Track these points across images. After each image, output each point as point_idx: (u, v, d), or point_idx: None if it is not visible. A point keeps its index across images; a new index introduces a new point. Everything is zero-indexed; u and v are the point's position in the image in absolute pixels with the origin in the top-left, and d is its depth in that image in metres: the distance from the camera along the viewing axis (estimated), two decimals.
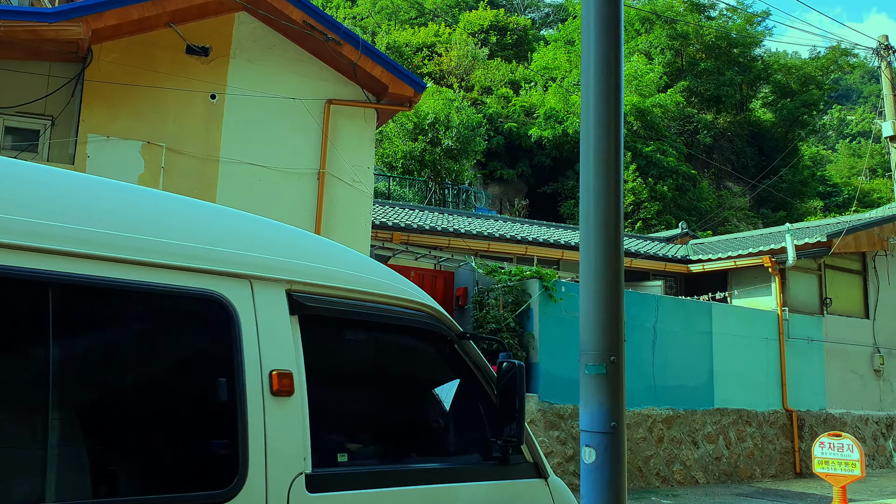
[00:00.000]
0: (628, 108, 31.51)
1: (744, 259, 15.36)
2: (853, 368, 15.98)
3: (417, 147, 24.47)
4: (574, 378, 11.77)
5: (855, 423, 15.65)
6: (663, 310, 12.89)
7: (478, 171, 30.19)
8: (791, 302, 15.16)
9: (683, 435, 12.65)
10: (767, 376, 14.25)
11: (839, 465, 8.40)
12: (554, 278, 11.53)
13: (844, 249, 15.89)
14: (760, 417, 13.92)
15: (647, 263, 16.34)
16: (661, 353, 12.70)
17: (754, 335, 14.21)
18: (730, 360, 13.65)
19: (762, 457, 13.71)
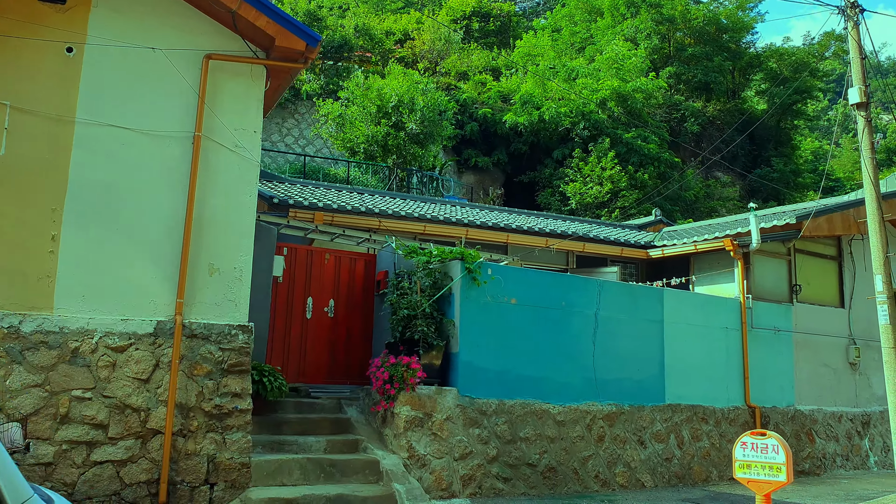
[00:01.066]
0: (608, 92, 30.33)
1: (705, 243, 14.18)
2: (826, 361, 14.79)
3: (380, 131, 23.32)
4: (500, 370, 10.63)
5: (827, 421, 14.46)
6: (607, 296, 11.72)
7: (451, 158, 29.04)
8: (756, 289, 13.97)
9: (628, 433, 11.48)
10: (727, 369, 13.07)
11: (762, 470, 7.23)
12: (478, 259, 10.37)
13: (816, 233, 14.69)
14: (719, 414, 12.74)
15: (603, 248, 15.16)
16: (604, 343, 11.54)
17: (713, 324, 13.03)
18: (684, 351, 12.48)
19: (720, 457, 12.53)
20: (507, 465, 10.14)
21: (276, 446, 8.95)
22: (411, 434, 9.47)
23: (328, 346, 10.83)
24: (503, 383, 10.42)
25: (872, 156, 11.44)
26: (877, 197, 11.34)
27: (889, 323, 10.99)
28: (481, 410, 10.12)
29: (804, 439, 13.90)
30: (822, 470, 14.01)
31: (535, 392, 10.71)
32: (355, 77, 24.32)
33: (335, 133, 23.77)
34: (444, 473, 9.53)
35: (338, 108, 23.55)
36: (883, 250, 11.15)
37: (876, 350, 15.07)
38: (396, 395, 9.53)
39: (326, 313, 10.90)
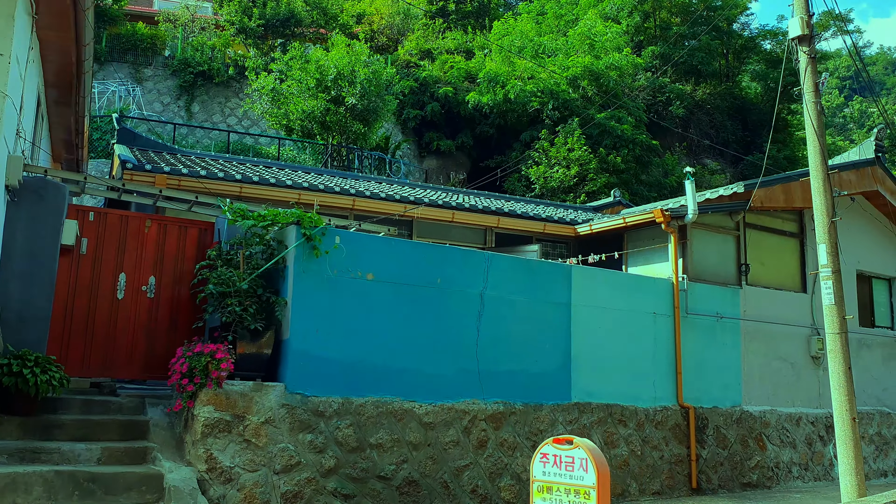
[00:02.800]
0: (579, 70, 28.25)
1: (635, 217, 12.13)
2: (783, 354, 12.69)
3: (317, 106, 21.40)
4: (348, 362, 8.63)
5: (782, 424, 12.37)
6: (497, 272, 9.72)
7: (404, 139, 27.08)
8: (695, 269, 11.92)
9: (520, 438, 9.48)
10: (655, 362, 11.03)
11: (566, 496, 5.20)
12: (320, 224, 8.41)
13: (772, 204, 12.63)
14: (642, 416, 10.71)
15: (523, 224, 13.15)
16: (492, 329, 9.55)
17: (637, 309, 10.99)
18: (597, 339, 10.47)
19: (642, 467, 10.50)
20: (351, 478, 8.18)
21: (27, 455, 7.03)
22: (213, 441, 7.52)
23: (146, 333, 8.90)
24: (352, 378, 8.45)
25: (817, 100, 9.38)
26: (821, 150, 9.28)
27: (834, 303, 8.95)
28: (317, 411, 8.16)
29: (752, 446, 11.83)
30: (774, 482, 11.93)
31: (397, 388, 8.73)
32: (292, 49, 22.43)
33: (269, 109, 21.87)
34: (258, 490, 7.58)
35: (270, 82, 21.66)
36: (828, 214, 9.09)
37: None
38: (196, 393, 7.59)
39: (145, 293, 8.97)
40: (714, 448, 11.34)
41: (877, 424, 13.74)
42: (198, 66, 25.85)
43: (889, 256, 14.85)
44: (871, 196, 14.46)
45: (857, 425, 8.63)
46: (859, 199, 14.41)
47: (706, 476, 11.12)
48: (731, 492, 11.32)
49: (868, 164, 14.16)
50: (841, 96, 74.56)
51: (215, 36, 27.37)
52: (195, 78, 25.89)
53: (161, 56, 26.32)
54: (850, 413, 8.63)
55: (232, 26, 26.45)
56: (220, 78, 25.91)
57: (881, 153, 14.41)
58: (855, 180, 13.90)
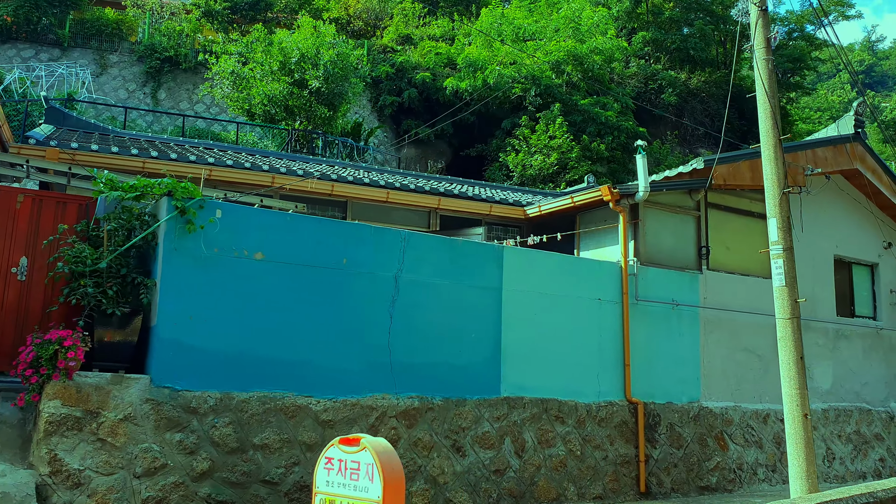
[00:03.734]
0: (563, 54, 27.17)
1: (583, 195, 11.12)
2: (748, 346, 11.65)
3: (279, 89, 20.47)
4: (231, 352, 7.61)
5: (747, 422, 11.33)
6: (416, 253, 8.74)
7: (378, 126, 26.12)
8: (650, 252, 10.90)
9: (438, 437, 8.51)
10: (600, 353, 10.03)
11: None
12: (196, 196, 7.46)
13: (737, 182, 11.60)
14: (583, 412, 9.70)
15: (467, 205, 12.15)
16: (408, 316, 8.57)
17: (579, 295, 9.99)
18: (533, 328, 9.48)
19: (582, 469, 9.50)
20: (229, 483, 7.23)
21: None
22: (60, 440, 6.59)
23: (15, 320, 7.96)
24: (235, 370, 7.50)
25: (768, 56, 8.34)
26: (773, 113, 8.24)
27: (784, 285, 7.92)
28: (189, 408, 7.21)
29: (712, 445, 10.80)
30: (736, 484, 10.89)
31: (290, 382, 7.78)
32: (255, 31, 21.51)
33: (231, 94, 20.96)
34: (113, 496, 6.65)
35: (231, 65, 20.74)
36: (779, 184, 8.06)
37: (819, 333, 11.98)
38: (43, 385, 6.67)
39: (15, 275, 8.04)
40: (667, 448, 10.32)
41: (855, 422, 12.67)
42: (164, 51, 24.99)
43: (871, 241, 13.76)
44: (851, 175, 13.38)
45: (809, 423, 7.60)
46: (838, 178, 13.34)
47: (657, 479, 10.11)
48: (686, 496, 10.30)
49: (846, 140, 13.08)
50: (853, 91, 73.08)
51: (185, 21, 26.50)
52: (162, 64, 25.03)
53: (128, 42, 25.48)
54: (802, 408, 7.60)
55: (197, 9, 25.56)
56: (188, 64, 25.05)
57: (861, 129, 13.32)
58: (832, 157, 12.82)
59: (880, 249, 13.83)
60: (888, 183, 13.60)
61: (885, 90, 75.82)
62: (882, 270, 13.81)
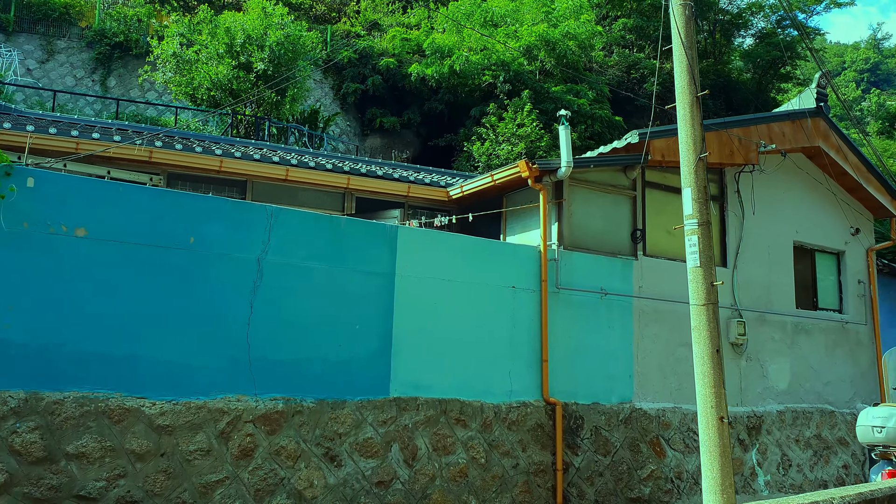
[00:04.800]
0: (533, 39, 26.00)
1: (503, 172, 9.97)
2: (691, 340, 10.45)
3: (223, 72, 19.35)
4: (39, 344, 6.15)
5: (688, 425, 10.16)
6: (285, 231, 7.61)
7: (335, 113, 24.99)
8: (575, 234, 9.75)
9: (308, 445, 7.37)
10: (513, 348, 8.88)
11: None
12: (5, 161, 6.34)
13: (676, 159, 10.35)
14: (490, 414, 8.55)
15: (381, 186, 11.00)
16: (274, 305, 7.44)
17: (490, 282, 8.84)
18: (432, 319, 8.33)
19: (487, 479, 8.35)
20: (32, 499, 6.10)
21: None
22: None
23: None
24: (45, 366, 6.37)
25: (686, 1, 7.17)
26: (690, 67, 7.09)
27: (699, 265, 6.76)
28: None
29: (646, 451, 9.63)
30: (673, 495, 9.73)
31: (118, 380, 6.64)
32: (200, 12, 20.39)
33: (173, 78, 19.85)
34: None
35: (173, 47, 19.63)
36: (695, 149, 6.90)
37: (775, 327, 10.86)
38: None
39: None
40: (591, 454, 9.16)
41: (816, 425, 11.48)
42: (114, 37, 23.91)
43: (837, 226, 12.57)
44: (814, 154, 12.20)
45: (726, 428, 6.44)
46: (798, 158, 12.15)
47: (578, 489, 8.95)
48: None
49: (807, 115, 11.90)
50: (858, 89, 71.80)
51: (139, 5, 25.42)
52: (111, 50, 23.94)
53: (77, 27, 24.39)
54: (717, 410, 6.44)
55: None
56: (139, 50, 23.94)
57: (823, 102, 12.14)
58: (790, 134, 11.65)
59: (847, 236, 12.64)
60: (855, 163, 12.42)
61: (890, 88, 74.63)
62: (849, 259, 12.62)
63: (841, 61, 75.82)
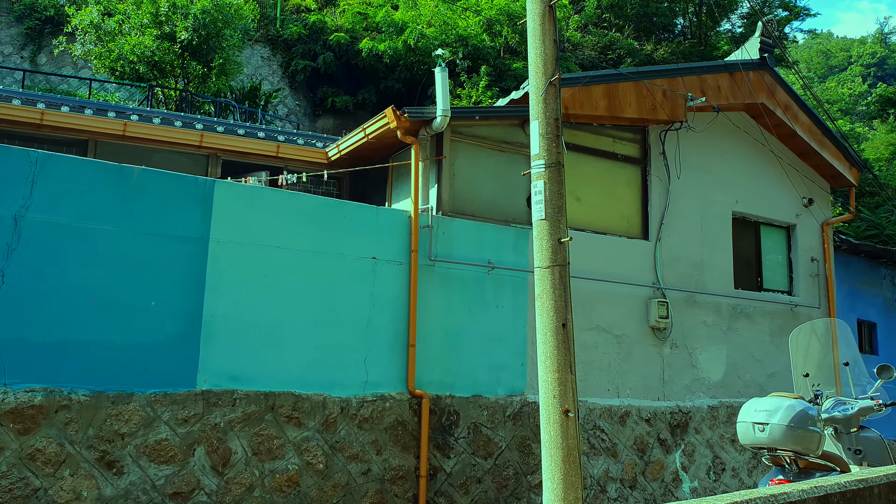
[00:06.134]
0: (494, 13, 24.50)
1: (374, 125, 8.49)
2: (604, 323, 8.98)
3: (147, 43, 17.91)
4: None
5: (595, 422, 8.67)
6: (53, 183, 6.16)
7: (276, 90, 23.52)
8: (459, 198, 8.28)
9: (76, 447, 5.91)
10: (370, 330, 7.40)
11: None
12: None
13: (587, 112, 8.96)
14: (335, 410, 7.08)
15: (246, 145, 9.53)
16: (36, 274, 5.99)
17: (343, 252, 7.37)
18: (260, 295, 6.87)
19: (326, 489, 6.88)
20: None
21: None
22: None
23: None
24: None
25: None
26: None
27: (545, 218, 5.27)
28: None
29: (540, 453, 8.12)
30: None
31: None
32: None
33: (94, 50, 18.41)
34: None
35: (92, 17, 18.20)
36: (545, 71, 5.39)
37: (708, 309, 9.41)
38: None
39: None
40: (468, 457, 7.68)
41: None
42: (45, 11, 22.50)
43: (786, 197, 11.05)
44: (759, 113, 10.66)
45: (573, 424, 4.96)
46: (740, 118, 10.63)
47: (448, 499, 7.47)
48: None
49: (750, 66, 10.38)
50: (865, 84, 70.07)
51: None
52: (42, 25, 22.54)
53: (7, 2, 23.00)
54: (562, 402, 4.96)
55: None
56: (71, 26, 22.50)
57: (769, 53, 10.62)
58: (728, 88, 10.14)
59: (799, 208, 11.12)
60: (806, 124, 10.89)
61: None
62: (800, 233, 11.10)
63: (847, 56, 74.32)
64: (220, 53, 18.59)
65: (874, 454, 5.50)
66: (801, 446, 4.65)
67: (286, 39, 24.71)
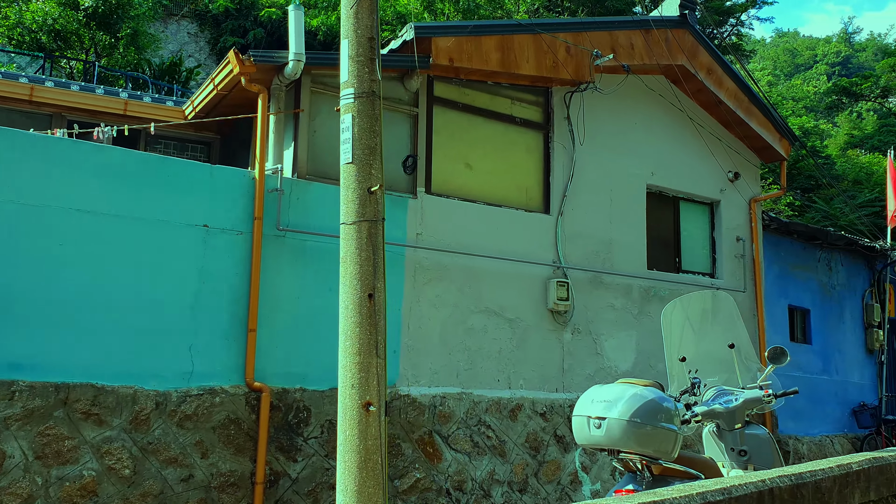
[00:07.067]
0: None
1: (221, 74, 7.33)
2: (495, 306, 7.94)
3: (49, 10, 16.53)
4: None
5: (480, 417, 7.63)
6: None
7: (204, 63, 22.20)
8: (320, 160, 7.19)
9: None
10: (198, 312, 6.28)
11: None
12: None
13: (476, 66, 7.90)
14: (148, 405, 5.93)
15: (89, 101, 8.31)
16: None
17: (164, 218, 6.22)
18: (50, 268, 5.71)
19: (133, 498, 5.74)
20: None
21: None
22: None
23: None
24: None
25: None
26: None
27: (352, 161, 4.19)
28: None
29: (411, 454, 7.08)
30: None
31: None
32: None
33: None
34: None
35: None
36: None
37: (618, 292, 8.48)
38: None
39: None
40: (320, 460, 6.59)
41: None
42: None
43: (709, 170, 10.11)
44: (679, 78, 9.69)
45: (377, 420, 3.90)
46: (658, 82, 9.64)
47: None
48: None
49: (668, 24, 9.41)
50: (829, 82, 70.38)
51: None
52: None
53: None
54: (363, 392, 3.90)
55: None
56: None
57: (691, 10, 9.66)
58: (643, 48, 9.15)
59: (723, 182, 10.19)
60: (732, 90, 9.96)
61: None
62: (725, 210, 10.18)
63: (813, 54, 75.01)
64: (128, 23, 17.24)
65: (761, 455, 4.51)
66: (651, 448, 3.63)
67: (215, 15, 23.39)
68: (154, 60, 20.13)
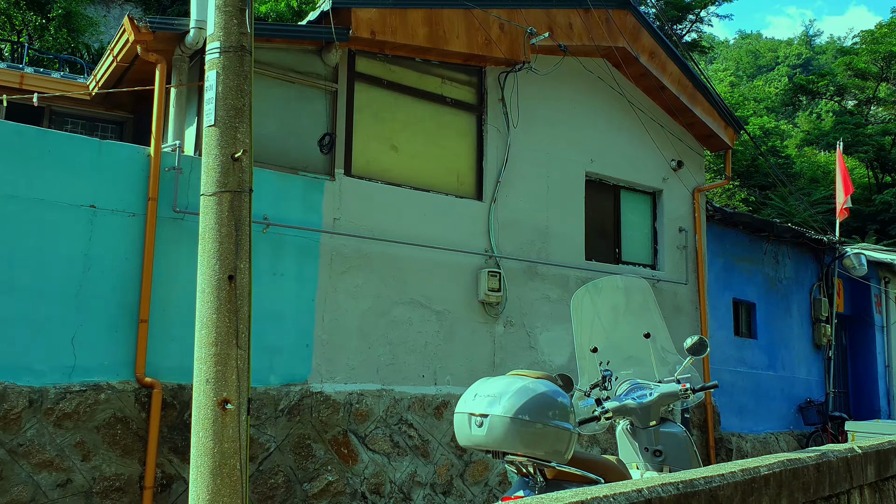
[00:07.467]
0: None
1: (120, 45, 6.75)
2: (421, 297, 7.47)
3: None
4: None
5: (402, 415, 7.16)
6: None
7: None
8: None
9: None
10: (83, 301, 5.71)
11: None
12: None
13: (401, 40, 7.43)
14: (22, 404, 5.36)
15: None
16: None
17: (43, 197, 5.64)
18: None
19: None
20: None
21: None
22: None
23: None
24: None
25: None
26: None
27: (215, 124, 3.70)
28: None
29: (323, 455, 6.58)
30: None
31: None
32: None
33: None
34: None
35: None
36: None
37: (553, 283, 8.01)
38: None
39: None
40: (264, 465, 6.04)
41: None
42: None
43: (651, 158, 9.76)
44: (621, 61, 9.31)
45: (234, 419, 3.41)
46: (598, 65, 9.25)
47: None
48: None
49: (607, 4, 9.02)
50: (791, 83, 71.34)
51: None
52: None
53: None
54: (219, 388, 3.42)
55: None
56: None
57: None
58: (582, 28, 8.75)
59: (666, 171, 9.85)
60: (676, 75, 9.62)
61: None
62: (667, 200, 9.84)
63: (775, 56, 76.31)
64: (60, 4, 16.43)
65: (677, 456, 4.10)
66: (541, 449, 3.17)
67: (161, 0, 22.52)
68: (93, 45, 19.30)
